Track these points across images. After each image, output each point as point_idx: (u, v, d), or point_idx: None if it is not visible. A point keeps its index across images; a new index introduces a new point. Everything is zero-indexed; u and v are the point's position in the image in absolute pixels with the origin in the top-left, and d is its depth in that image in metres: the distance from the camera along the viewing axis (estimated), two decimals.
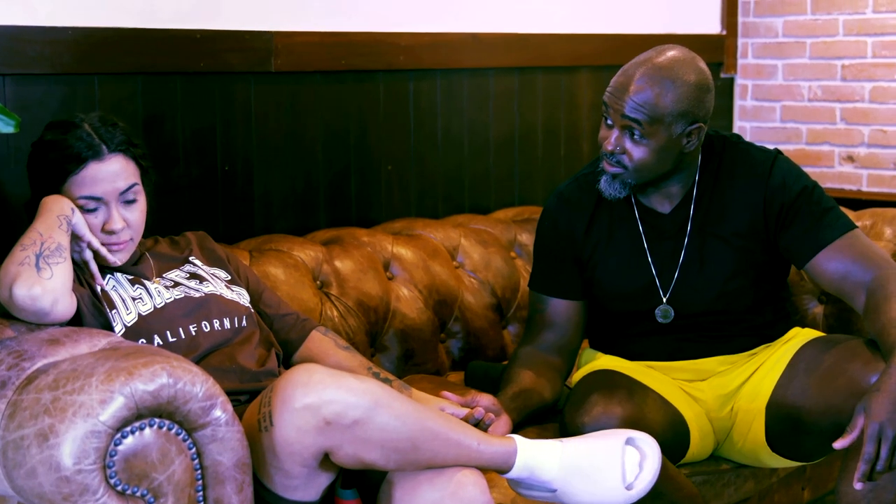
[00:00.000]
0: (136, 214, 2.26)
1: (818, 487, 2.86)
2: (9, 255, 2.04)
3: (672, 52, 2.39)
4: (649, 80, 2.35)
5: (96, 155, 2.19)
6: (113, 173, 2.22)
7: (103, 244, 2.23)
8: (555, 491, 2.06)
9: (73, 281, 2.10)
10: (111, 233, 2.22)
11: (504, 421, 2.35)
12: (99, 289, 2.21)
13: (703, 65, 2.41)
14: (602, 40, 3.81)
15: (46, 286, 2.00)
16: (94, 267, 2.21)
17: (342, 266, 2.93)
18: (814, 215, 2.43)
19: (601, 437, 2.10)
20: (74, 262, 2.19)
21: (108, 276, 2.25)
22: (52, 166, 2.19)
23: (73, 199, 2.18)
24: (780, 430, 2.43)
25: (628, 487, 2.05)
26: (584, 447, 2.07)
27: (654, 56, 2.39)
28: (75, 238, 2.17)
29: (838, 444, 2.11)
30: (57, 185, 2.19)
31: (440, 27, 3.38)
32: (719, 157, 2.52)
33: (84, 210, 2.20)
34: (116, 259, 2.25)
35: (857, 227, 2.44)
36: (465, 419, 2.26)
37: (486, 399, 2.38)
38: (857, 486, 2.09)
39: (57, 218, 2.10)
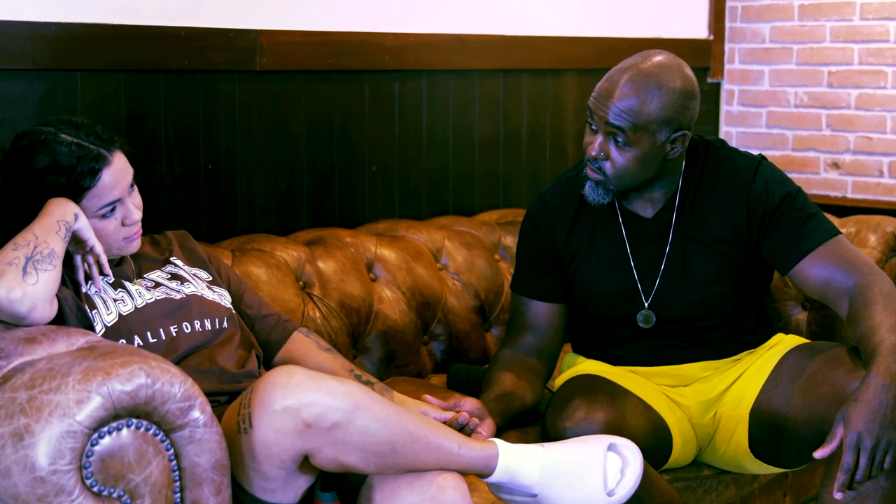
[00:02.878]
0: (139, 197, 2.28)
1: (800, 494, 2.86)
2: (0, 251, 2.01)
3: (658, 58, 2.37)
4: (634, 86, 2.33)
5: (105, 162, 2.17)
6: (122, 171, 2.20)
7: (125, 238, 2.23)
8: (535, 496, 2.05)
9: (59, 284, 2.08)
10: (132, 224, 2.23)
11: (488, 424, 2.35)
12: (83, 290, 2.19)
13: (688, 71, 2.40)
14: (589, 44, 3.81)
15: (28, 291, 1.97)
16: (94, 271, 2.19)
17: (325, 267, 2.91)
18: (797, 222, 2.43)
19: (583, 442, 2.09)
20: (70, 263, 2.17)
21: (90, 279, 2.23)
22: (62, 189, 2.14)
23: (93, 212, 2.16)
24: (764, 436, 2.43)
25: (610, 494, 2.04)
26: (565, 452, 2.06)
27: (639, 62, 2.37)
28: (79, 242, 2.15)
29: (818, 454, 2.11)
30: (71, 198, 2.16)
31: (426, 28, 3.37)
32: (703, 162, 2.51)
33: (103, 217, 2.18)
34: (132, 248, 2.27)
35: (840, 232, 2.44)
36: (449, 424, 2.26)
37: (470, 403, 2.37)
38: (838, 495, 2.09)
39: (57, 223, 2.08)
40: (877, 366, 2.13)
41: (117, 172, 2.19)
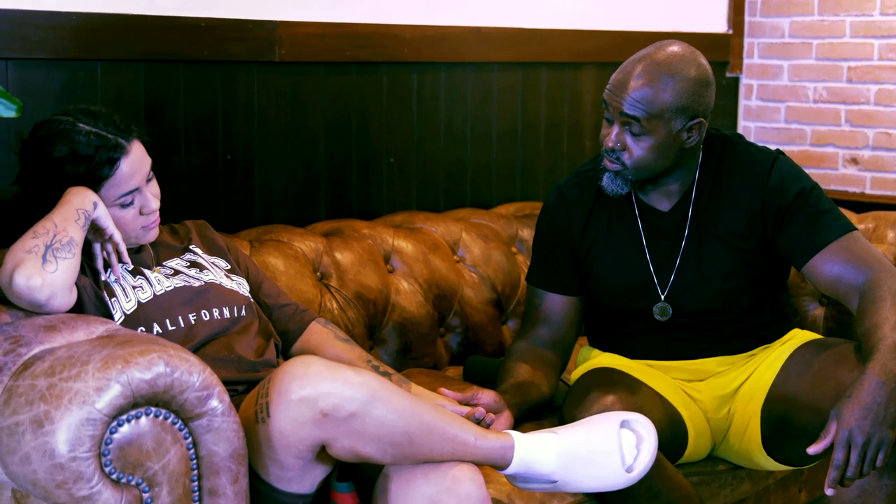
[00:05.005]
0: (157, 187, 2.29)
1: (815, 489, 2.85)
2: (19, 239, 2.02)
3: (671, 48, 2.38)
4: (648, 76, 2.33)
5: (123, 151, 2.18)
6: (140, 160, 2.21)
7: (143, 227, 2.25)
8: (555, 482, 2.05)
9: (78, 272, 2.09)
10: (150, 213, 2.24)
11: (506, 417, 2.35)
12: (102, 278, 2.20)
13: (703, 60, 2.40)
14: (607, 37, 3.80)
15: (47, 279, 1.98)
16: (113, 260, 2.20)
17: (342, 258, 2.92)
18: (811, 217, 2.42)
19: (596, 423, 2.09)
20: (88, 251, 2.18)
21: (109, 267, 2.24)
22: (81, 178, 2.15)
23: (111, 201, 2.18)
24: (774, 433, 2.42)
25: (628, 470, 2.05)
26: (580, 436, 2.06)
27: (652, 52, 2.38)
28: (98, 230, 2.16)
29: (812, 450, 2.11)
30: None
31: (444, 20, 3.37)
32: (719, 156, 2.51)
33: (122, 206, 2.20)
34: (150, 237, 2.29)
35: (855, 228, 2.43)
36: (466, 418, 2.26)
37: (488, 395, 2.37)
38: (829, 491, 2.10)
39: (76, 211, 2.08)
40: (874, 363, 2.13)
41: (135, 162, 2.20)
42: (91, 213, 2.11)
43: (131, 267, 2.26)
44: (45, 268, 1.98)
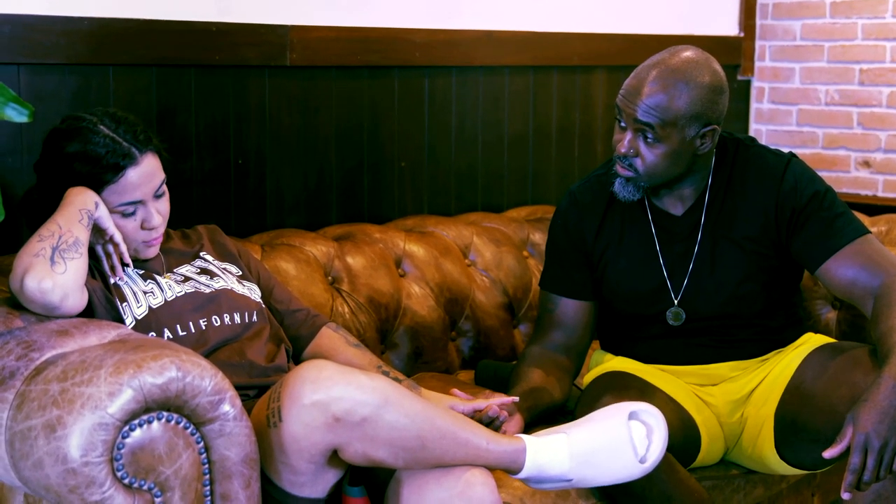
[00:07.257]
0: (166, 205, 2.28)
1: (828, 494, 2.84)
2: (25, 244, 2.03)
3: (685, 54, 2.37)
4: (662, 82, 2.32)
5: (132, 160, 2.18)
6: (149, 174, 2.21)
7: (143, 241, 2.24)
8: (570, 480, 2.05)
9: (87, 274, 2.09)
10: (151, 229, 2.23)
11: (516, 420, 2.35)
12: (112, 282, 2.20)
13: (717, 66, 2.39)
14: (619, 40, 3.80)
15: (58, 280, 1.99)
16: (115, 260, 2.21)
17: (354, 262, 2.92)
18: (825, 220, 2.41)
19: (605, 417, 2.09)
20: (94, 254, 2.18)
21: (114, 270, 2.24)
22: (85, 178, 2.16)
23: (112, 207, 2.18)
24: (788, 437, 2.41)
25: (642, 461, 2.05)
26: (590, 433, 2.06)
27: (667, 58, 2.37)
28: (99, 231, 2.17)
29: (827, 454, 2.11)
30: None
31: (456, 24, 3.37)
32: (732, 159, 2.50)
33: (122, 215, 2.20)
34: (150, 252, 2.27)
35: (869, 232, 2.42)
36: (479, 416, 2.26)
37: (499, 399, 2.36)
38: (845, 496, 2.10)
39: (79, 212, 2.09)
40: (889, 367, 2.12)
41: (144, 174, 2.20)
42: (94, 212, 2.12)
43: (142, 271, 2.26)
44: (54, 269, 1.99)
